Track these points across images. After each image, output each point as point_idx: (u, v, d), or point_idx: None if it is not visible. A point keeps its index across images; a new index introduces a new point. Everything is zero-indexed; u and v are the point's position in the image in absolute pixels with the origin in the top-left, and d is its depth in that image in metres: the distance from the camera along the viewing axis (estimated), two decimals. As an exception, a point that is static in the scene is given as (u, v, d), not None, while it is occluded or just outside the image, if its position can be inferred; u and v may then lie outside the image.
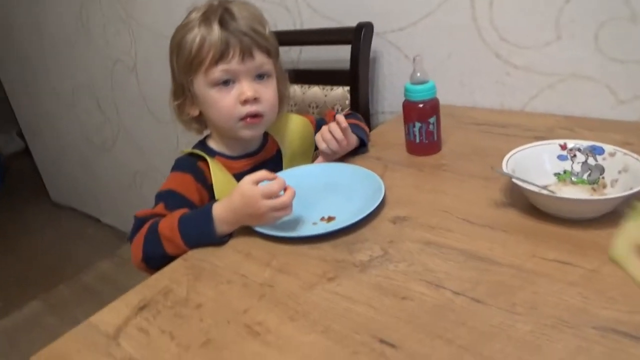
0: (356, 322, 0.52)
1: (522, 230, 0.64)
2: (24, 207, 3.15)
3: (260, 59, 0.81)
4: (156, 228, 0.71)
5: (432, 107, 0.85)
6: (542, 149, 0.73)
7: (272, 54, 0.84)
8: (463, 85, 1.07)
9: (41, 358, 0.54)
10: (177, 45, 0.82)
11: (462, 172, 0.81)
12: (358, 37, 1.07)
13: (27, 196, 3.29)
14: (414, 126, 0.86)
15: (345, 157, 0.92)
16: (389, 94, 1.20)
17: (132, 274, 2.46)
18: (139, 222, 0.75)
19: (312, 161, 1.00)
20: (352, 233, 0.68)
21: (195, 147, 0.91)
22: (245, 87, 0.80)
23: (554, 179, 0.72)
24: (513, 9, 0.95)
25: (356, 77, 1.08)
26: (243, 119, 0.82)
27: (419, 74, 0.84)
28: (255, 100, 0.81)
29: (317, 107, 1.16)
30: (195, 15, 0.80)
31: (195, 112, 0.87)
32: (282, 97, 0.91)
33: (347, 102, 1.12)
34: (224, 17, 0.78)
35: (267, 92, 0.83)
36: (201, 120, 0.90)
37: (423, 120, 0.85)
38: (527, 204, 0.68)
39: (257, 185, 0.69)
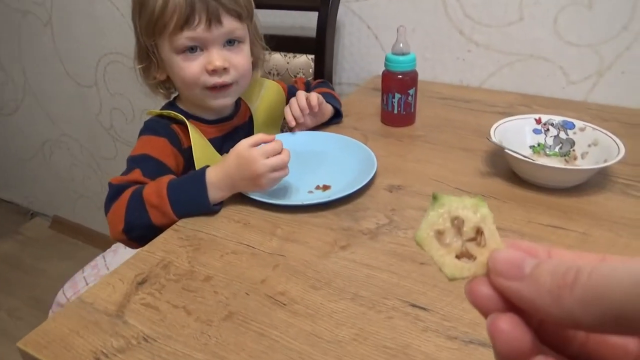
0: (382, 288, 0.52)
1: (513, 197, 0.67)
2: None
3: (230, 25, 0.74)
4: (140, 194, 0.65)
5: (412, 79, 0.86)
6: (523, 122, 0.77)
7: (244, 17, 0.77)
8: (425, 59, 1.10)
9: (30, 344, 0.47)
10: (140, 2, 0.74)
11: (441, 143, 0.83)
12: (326, 3, 1.04)
13: None
14: (393, 97, 0.87)
15: (321, 126, 0.90)
16: (349, 65, 1.20)
17: (40, 255, 2.23)
18: (116, 189, 0.68)
19: (281, 130, 0.98)
20: (351, 202, 0.67)
21: (164, 108, 0.83)
22: (214, 56, 0.74)
23: (530, 151, 0.77)
24: (479, -12, 0.98)
25: (322, 46, 1.06)
26: (209, 88, 0.76)
27: (401, 45, 0.85)
28: (224, 70, 0.75)
29: (278, 74, 1.12)
30: None
31: (163, 76, 0.80)
32: (256, 60, 0.86)
33: (311, 70, 1.10)
34: None
35: (238, 58, 0.77)
36: (169, 85, 0.83)
37: (402, 91, 0.86)
38: (510, 173, 0.72)
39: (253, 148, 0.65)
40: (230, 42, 0.76)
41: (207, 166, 0.66)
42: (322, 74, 1.08)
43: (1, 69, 1.95)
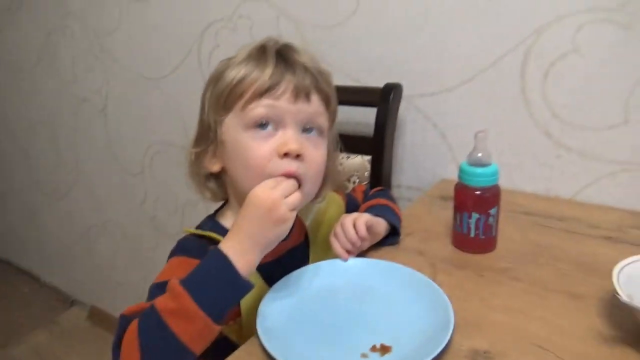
0: None
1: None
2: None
3: (317, 106, 0.63)
4: (153, 308, 0.50)
5: (493, 196, 0.69)
6: (655, 264, 0.57)
7: (331, 109, 0.66)
8: (501, 164, 0.91)
9: None
10: (216, 78, 0.64)
11: (536, 282, 0.64)
12: (386, 99, 0.92)
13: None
14: (469, 217, 0.69)
15: (377, 247, 0.74)
16: (409, 167, 1.05)
17: (73, 349, 2.09)
18: (126, 321, 0.52)
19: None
20: (419, 376, 0.49)
21: (203, 225, 0.70)
22: (290, 136, 0.60)
23: (667, 304, 0.56)
24: (572, 84, 0.82)
25: (381, 146, 0.92)
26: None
27: (480, 154, 0.69)
28: (298, 157, 0.60)
29: (329, 176, 0.99)
30: (246, 50, 0.64)
31: (216, 168, 0.66)
32: (328, 173, 0.70)
33: (367, 173, 0.95)
34: (283, 49, 0.63)
35: (315, 153, 0.63)
36: (220, 181, 0.69)
37: (482, 211, 0.69)
38: (643, 339, 0.51)
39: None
40: (309, 130, 0.63)
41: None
42: (380, 178, 0.94)
43: (57, 153, 1.96)
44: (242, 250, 0.53)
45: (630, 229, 0.76)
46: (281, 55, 0.62)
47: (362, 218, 0.67)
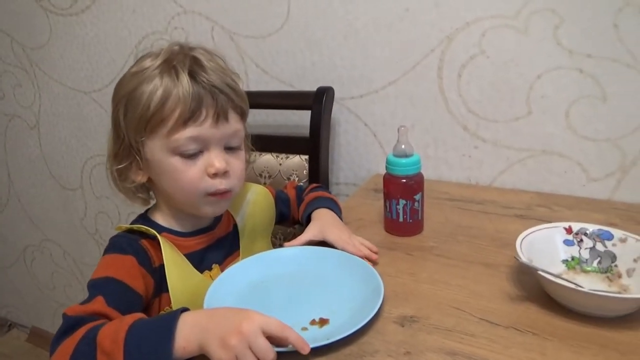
0: None
1: (554, 332, 0.54)
2: None
3: (235, 124, 0.67)
4: (95, 335, 0.50)
5: (417, 183, 0.77)
6: (551, 232, 0.66)
7: (245, 116, 0.71)
8: (427, 157, 1.01)
9: None
10: (128, 96, 0.65)
11: (457, 256, 0.72)
12: (319, 101, 0.98)
13: None
14: (397, 203, 0.77)
15: (316, 238, 0.79)
16: (346, 164, 1.11)
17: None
18: (71, 322, 0.53)
19: (272, 238, 0.87)
20: (355, 342, 0.54)
21: (135, 222, 0.73)
22: (215, 158, 0.65)
23: (563, 266, 0.65)
24: (482, 82, 0.92)
25: (317, 145, 0.98)
26: (211, 194, 0.67)
27: (403, 146, 0.76)
28: (225, 174, 0.66)
29: (269, 177, 1.03)
30: (153, 63, 0.65)
31: (143, 179, 0.69)
32: (246, 165, 0.77)
33: (305, 172, 1.01)
34: (194, 67, 0.64)
35: (237, 164, 0.69)
36: (148, 188, 0.73)
37: (408, 197, 0.76)
38: (544, 295, 0.60)
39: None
40: (230, 148, 0.69)
41: (186, 309, 0.53)
42: (317, 175, 0.99)
43: (-14, 173, 1.89)
44: (187, 334, 0.50)
45: (537, 207, 0.86)
46: (194, 77, 0.63)
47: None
